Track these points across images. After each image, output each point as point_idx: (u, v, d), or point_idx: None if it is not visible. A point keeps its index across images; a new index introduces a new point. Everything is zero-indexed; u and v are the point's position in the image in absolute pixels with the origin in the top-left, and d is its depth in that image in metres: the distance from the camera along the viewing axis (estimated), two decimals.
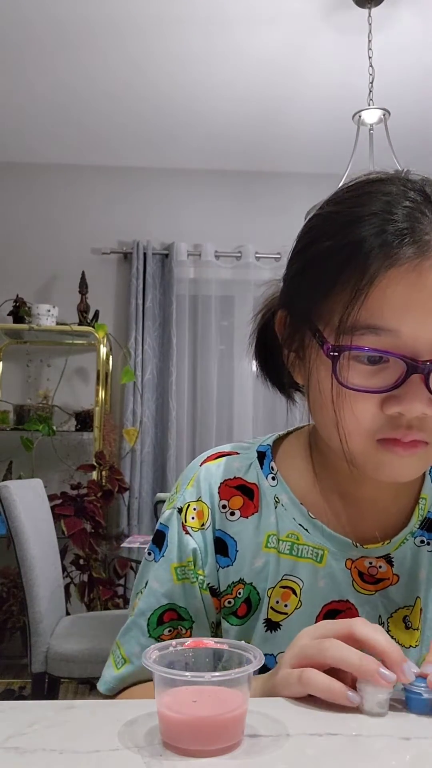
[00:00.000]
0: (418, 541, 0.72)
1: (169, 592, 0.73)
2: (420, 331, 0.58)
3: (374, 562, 0.71)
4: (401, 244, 0.58)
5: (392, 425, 0.61)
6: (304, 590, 0.71)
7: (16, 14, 2.68)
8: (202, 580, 0.72)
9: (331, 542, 0.71)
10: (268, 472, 0.75)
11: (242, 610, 0.72)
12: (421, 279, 0.58)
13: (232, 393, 3.84)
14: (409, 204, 0.60)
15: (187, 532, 0.73)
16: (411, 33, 2.77)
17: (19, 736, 0.48)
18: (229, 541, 0.73)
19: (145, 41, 2.85)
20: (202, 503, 0.74)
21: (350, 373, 0.60)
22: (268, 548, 0.72)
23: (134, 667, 0.73)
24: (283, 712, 0.53)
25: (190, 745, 0.46)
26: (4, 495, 2.26)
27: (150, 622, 0.73)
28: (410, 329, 0.58)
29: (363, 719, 0.52)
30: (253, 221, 3.91)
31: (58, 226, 3.89)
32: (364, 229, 0.59)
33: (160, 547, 0.75)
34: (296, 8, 2.63)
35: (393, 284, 0.58)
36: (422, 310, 0.58)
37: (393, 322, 0.58)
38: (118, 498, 3.53)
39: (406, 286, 0.58)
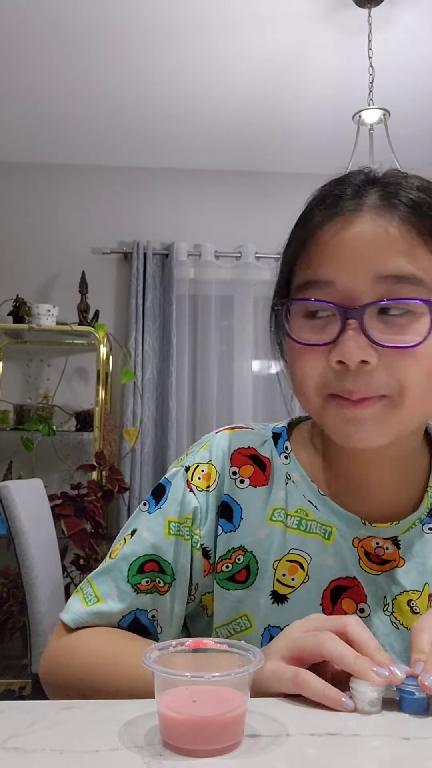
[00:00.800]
0: (426, 528, 0.73)
1: (157, 544, 0.74)
2: (352, 280, 0.62)
3: (381, 542, 0.72)
4: (336, 204, 0.65)
5: (339, 378, 0.63)
6: (312, 565, 0.71)
7: (17, 14, 2.68)
8: (197, 539, 0.73)
9: (339, 519, 0.72)
10: (281, 451, 0.77)
11: (242, 576, 0.73)
12: (350, 231, 0.63)
13: (232, 393, 3.84)
14: (352, 181, 0.67)
15: (192, 491, 0.75)
16: (411, 33, 2.77)
17: (19, 736, 0.48)
18: (235, 507, 0.74)
19: (145, 41, 2.85)
20: (212, 466, 0.76)
21: (300, 330, 0.65)
22: (272, 521, 0.73)
23: (107, 608, 0.73)
24: (283, 712, 0.53)
25: (190, 745, 0.46)
26: (4, 495, 2.26)
27: (131, 567, 0.74)
28: (344, 278, 0.63)
29: (363, 719, 0.52)
30: (253, 221, 3.91)
31: (59, 226, 3.89)
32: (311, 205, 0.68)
33: (158, 499, 0.76)
34: (296, 8, 2.63)
35: (327, 238, 0.64)
36: (353, 260, 0.62)
37: (329, 273, 0.63)
38: (118, 498, 3.53)
39: (339, 239, 0.63)
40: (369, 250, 0.62)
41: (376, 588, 0.71)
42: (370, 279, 0.62)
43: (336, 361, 0.62)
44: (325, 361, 0.63)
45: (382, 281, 0.62)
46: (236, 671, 0.47)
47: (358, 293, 0.62)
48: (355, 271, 0.62)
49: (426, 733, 0.50)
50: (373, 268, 0.62)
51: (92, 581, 0.76)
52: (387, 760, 0.46)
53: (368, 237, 0.62)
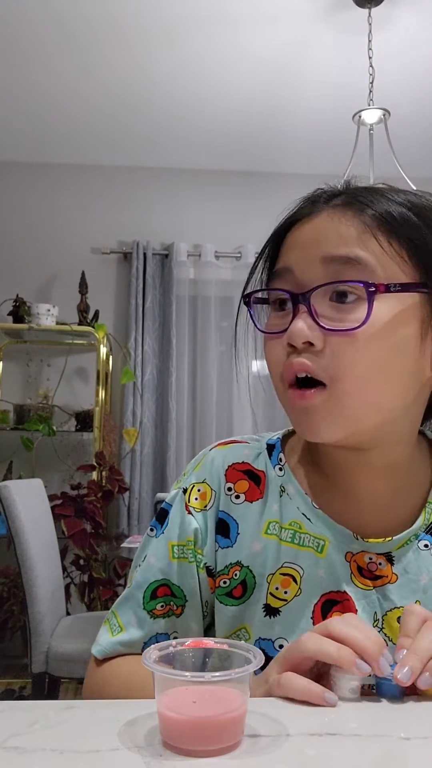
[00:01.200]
0: (422, 544, 0.72)
1: (164, 568, 0.75)
2: (304, 265, 0.65)
3: (374, 558, 0.71)
4: (302, 208, 0.69)
5: (287, 362, 0.65)
6: (304, 578, 0.71)
7: (18, 14, 2.68)
8: (200, 559, 0.74)
9: (332, 533, 0.72)
10: (276, 463, 0.77)
11: (238, 592, 0.73)
12: (306, 226, 0.67)
13: (232, 393, 3.84)
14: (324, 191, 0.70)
15: (190, 512, 0.75)
16: (411, 33, 2.77)
17: (19, 736, 0.48)
18: (232, 523, 0.74)
19: (145, 41, 2.85)
20: (207, 485, 0.76)
21: (269, 321, 0.69)
22: (267, 534, 0.73)
23: (130, 636, 0.75)
24: (283, 712, 0.53)
25: (190, 745, 0.46)
26: (4, 495, 2.26)
27: (145, 595, 0.75)
28: (298, 265, 0.66)
29: (363, 719, 0.52)
30: (253, 221, 3.90)
31: (59, 226, 3.89)
32: (287, 212, 0.71)
33: (162, 523, 0.77)
34: (296, 8, 2.63)
35: (292, 235, 0.68)
36: (306, 247, 0.66)
37: (287, 261, 0.67)
38: (118, 498, 3.53)
39: (298, 234, 0.68)
40: (320, 237, 0.65)
41: (367, 603, 0.70)
42: (319, 263, 0.64)
43: (287, 344, 0.64)
44: (283, 347, 0.66)
45: (331, 263, 0.63)
46: (236, 671, 0.47)
47: (311, 279, 0.64)
48: (307, 257, 0.65)
49: (426, 733, 0.50)
50: (321, 252, 0.64)
51: (116, 611, 0.78)
52: (387, 760, 0.46)
53: (321, 229, 0.66)
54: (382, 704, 0.56)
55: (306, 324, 0.63)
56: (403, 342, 0.64)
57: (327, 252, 0.64)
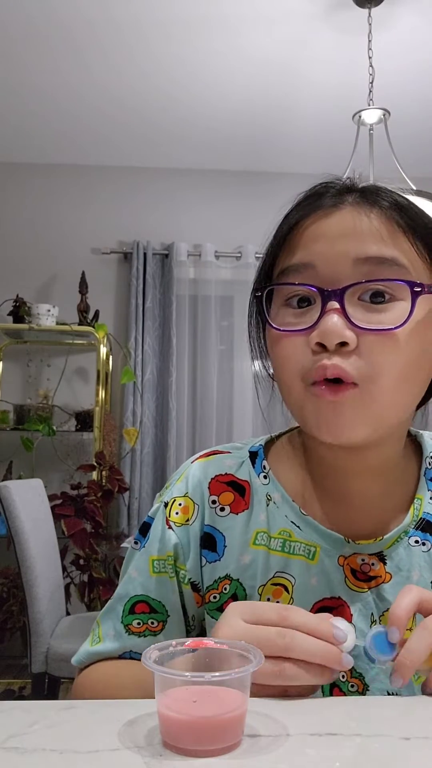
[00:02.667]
0: (412, 541, 0.72)
1: (144, 583, 0.74)
2: (333, 262, 0.62)
3: (366, 559, 0.70)
4: (316, 201, 0.66)
5: (319, 362, 0.62)
6: (296, 587, 0.71)
7: (19, 15, 2.68)
8: (183, 575, 0.73)
9: (323, 539, 0.71)
10: (260, 471, 0.75)
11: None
12: (330, 219, 0.64)
13: (232, 393, 3.84)
14: (334, 185, 0.68)
15: (170, 527, 0.74)
16: (411, 33, 2.77)
17: (19, 736, 0.48)
18: (218, 536, 0.73)
19: (146, 42, 2.85)
20: (189, 499, 0.74)
21: (281, 317, 0.65)
22: (256, 545, 0.72)
23: (104, 647, 0.75)
24: (283, 712, 0.53)
25: (190, 745, 0.46)
26: (4, 495, 2.26)
27: (124, 609, 0.75)
28: (322, 261, 0.63)
29: (363, 719, 0.52)
30: (253, 221, 3.90)
31: (58, 226, 3.89)
32: (294, 204, 0.69)
33: (145, 536, 0.77)
34: (296, 8, 2.63)
35: (307, 227, 0.65)
36: (334, 244, 0.63)
37: (308, 257, 0.64)
38: (118, 498, 3.53)
39: (317, 226, 0.64)
40: (349, 236, 0.63)
41: (363, 606, 0.70)
42: (351, 261, 0.62)
43: (315, 342, 0.61)
44: (306, 346, 0.63)
45: (364, 263, 0.62)
46: (236, 671, 0.47)
47: (339, 275, 0.62)
48: (335, 255, 0.62)
49: (426, 733, 0.50)
50: (353, 251, 0.62)
51: (99, 621, 0.78)
52: (387, 760, 0.46)
53: (348, 224, 0.63)
54: (382, 704, 0.56)
55: (338, 323, 0.60)
56: (428, 343, 0.64)
57: (360, 253, 0.62)
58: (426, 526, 0.73)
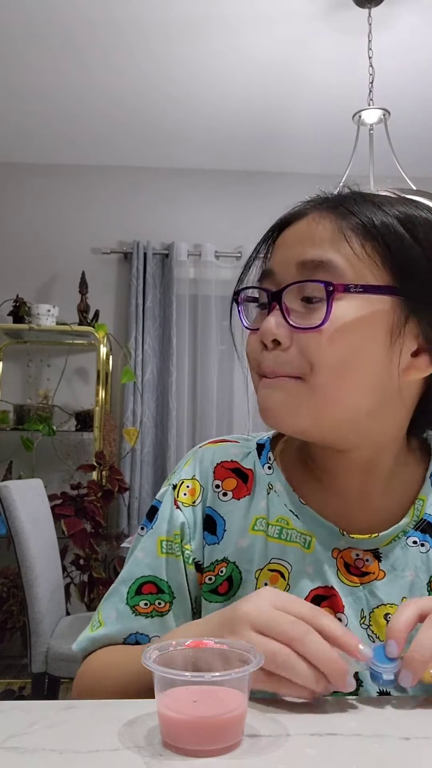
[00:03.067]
0: (410, 541, 0.72)
1: (153, 563, 0.75)
2: (283, 267, 0.68)
3: (361, 554, 0.71)
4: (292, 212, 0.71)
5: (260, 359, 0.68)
6: (293, 574, 0.72)
7: (19, 15, 2.68)
8: (189, 554, 0.75)
9: (319, 529, 0.72)
10: (265, 462, 0.78)
11: (223, 588, 0.74)
12: (289, 230, 0.70)
13: (232, 393, 3.84)
14: (316, 197, 0.72)
15: (178, 507, 0.76)
16: (411, 33, 2.77)
17: (19, 736, 0.48)
18: (218, 519, 0.75)
19: (146, 42, 2.85)
20: (196, 481, 0.77)
21: (250, 317, 0.72)
22: (255, 531, 0.74)
23: (106, 631, 0.75)
24: (283, 712, 0.53)
25: (190, 745, 0.46)
26: (4, 495, 2.26)
27: (130, 590, 0.75)
28: (278, 267, 0.68)
29: (363, 719, 0.52)
30: (253, 221, 3.89)
31: (59, 226, 3.89)
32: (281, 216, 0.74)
33: (152, 520, 0.78)
34: (296, 8, 2.63)
35: (280, 238, 0.71)
36: (286, 251, 0.68)
37: (271, 263, 0.70)
38: (118, 498, 3.53)
39: (282, 237, 0.71)
40: (298, 243, 0.68)
41: (354, 600, 0.70)
42: (294, 266, 0.66)
43: (260, 341, 0.67)
44: (259, 343, 0.68)
45: (303, 267, 0.66)
46: (236, 671, 0.48)
47: (286, 279, 0.67)
48: (286, 261, 0.68)
49: (426, 733, 0.50)
50: (297, 256, 0.66)
51: (99, 609, 0.78)
52: (387, 760, 0.46)
53: (302, 232, 0.68)
54: (382, 704, 0.56)
55: (276, 321, 0.65)
56: (366, 343, 0.64)
57: (302, 255, 0.66)
58: (426, 527, 0.73)
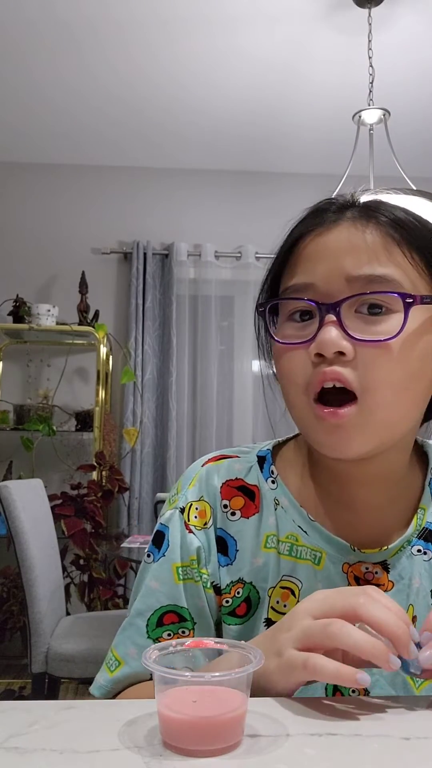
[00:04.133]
0: (414, 549, 0.72)
1: (170, 592, 0.72)
2: (329, 280, 0.65)
3: (371, 567, 0.71)
4: (317, 218, 0.68)
5: (317, 372, 0.64)
6: (303, 591, 0.71)
7: (19, 15, 2.68)
8: (206, 578, 0.72)
9: (329, 545, 0.71)
10: (268, 476, 0.76)
11: (242, 610, 0.72)
12: (327, 239, 0.66)
13: (232, 393, 3.84)
14: (336, 201, 0.70)
15: (191, 531, 0.73)
16: (411, 33, 2.77)
17: (19, 736, 0.48)
18: (230, 540, 0.73)
19: (146, 41, 2.85)
20: (205, 502, 0.74)
21: (284, 331, 0.68)
22: (267, 548, 0.72)
23: (130, 669, 0.71)
24: (283, 712, 0.53)
25: (190, 745, 0.46)
26: (4, 495, 2.26)
27: (149, 622, 0.72)
28: (321, 280, 0.65)
29: (363, 719, 0.52)
30: (253, 221, 3.91)
31: (59, 226, 3.89)
32: (296, 222, 0.71)
33: (160, 547, 0.75)
34: (296, 8, 2.64)
35: (307, 246, 0.68)
36: (328, 263, 0.65)
37: (307, 276, 0.66)
38: (118, 498, 3.53)
39: (316, 246, 0.67)
40: (344, 254, 0.65)
41: None
42: (344, 279, 0.64)
43: (315, 354, 0.63)
44: (307, 359, 0.65)
45: (355, 281, 0.64)
46: (236, 671, 0.47)
47: (335, 293, 0.64)
48: (332, 273, 0.65)
49: (426, 733, 0.50)
50: (347, 269, 0.64)
51: (112, 647, 0.74)
52: (387, 760, 0.46)
53: (344, 242, 0.65)
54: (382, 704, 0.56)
55: (335, 334, 0.62)
56: (426, 355, 0.65)
57: (354, 270, 0.64)
58: (428, 535, 0.73)
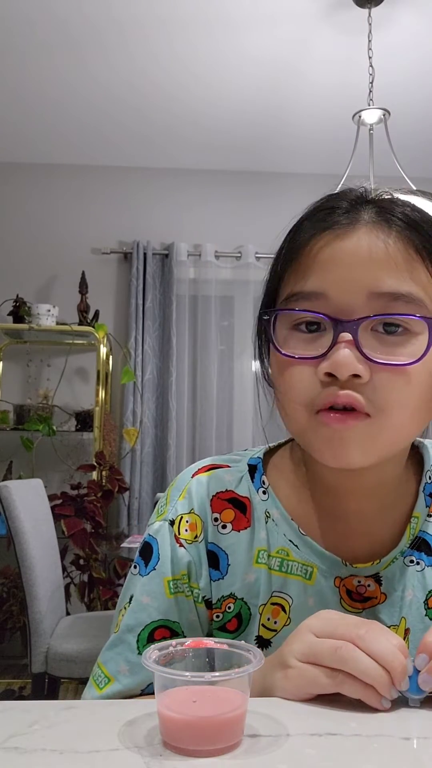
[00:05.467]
0: (407, 560, 0.71)
1: (162, 606, 0.70)
2: (346, 293, 0.60)
3: (363, 581, 0.70)
4: (328, 218, 0.63)
5: (328, 392, 0.60)
6: (294, 607, 0.70)
7: (18, 14, 2.68)
8: (197, 593, 0.71)
9: (320, 560, 0.70)
10: (259, 486, 0.74)
11: (232, 625, 0.71)
12: (344, 244, 0.61)
13: (232, 393, 3.84)
14: (346, 196, 0.65)
15: (181, 545, 0.71)
16: (411, 33, 2.77)
17: (19, 736, 0.48)
18: (221, 554, 0.71)
19: (146, 41, 2.85)
20: (195, 515, 0.72)
21: (289, 342, 0.63)
22: (258, 564, 0.71)
23: (121, 686, 0.69)
24: (283, 712, 0.53)
25: (190, 745, 0.46)
26: (4, 495, 2.26)
27: (140, 638, 0.70)
28: (336, 290, 0.60)
29: (363, 719, 0.52)
30: (253, 221, 3.91)
31: (59, 226, 3.89)
32: (303, 218, 0.66)
33: (147, 560, 0.73)
34: (296, 8, 2.63)
35: (319, 250, 0.62)
36: (348, 273, 0.60)
37: (321, 284, 0.61)
38: (118, 498, 3.53)
39: (330, 251, 0.61)
40: (364, 265, 0.60)
41: None
42: (365, 295, 0.60)
43: (325, 373, 0.59)
44: (314, 374, 0.61)
45: (378, 298, 0.60)
46: (236, 671, 0.47)
47: (352, 306, 0.60)
48: (349, 286, 0.60)
49: (426, 733, 0.50)
50: (368, 284, 0.60)
51: (100, 662, 0.72)
52: (387, 760, 0.46)
53: (364, 252, 0.60)
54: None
55: (351, 356, 0.58)
56: None
57: (375, 287, 0.60)
58: (421, 544, 0.71)
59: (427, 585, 0.71)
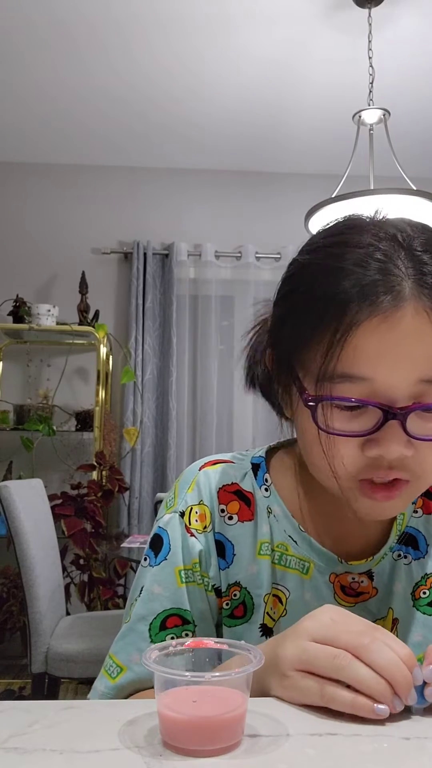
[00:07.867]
0: (395, 555, 0.75)
1: (173, 596, 0.72)
2: (393, 379, 0.60)
3: (356, 577, 0.74)
4: (375, 296, 0.59)
5: (373, 466, 0.63)
6: (290, 600, 0.73)
7: (18, 14, 2.68)
8: (208, 581, 0.73)
9: (317, 556, 0.74)
10: (261, 483, 0.77)
11: (239, 612, 0.74)
12: (392, 329, 0.59)
13: (232, 393, 3.84)
14: (381, 256, 0.61)
15: (192, 534, 0.74)
16: (411, 33, 2.77)
17: (19, 736, 0.48)
18: (227, 544, 0.75)
19: (146, 41, 2.85)
20: (204, 506, 0.75)
21: (331, 417, 0.62)
22: (261, 555, 0.74)
23: (134, 674, 0.71)
24: (283, 712, 0.53)
25: (190, 745, 0.46)
26: (4, 495, 2.26)
27: (152, 626, 0.72)
28: (383, 377, 0.60)
29: (363, 719, 0.52)
30: (253, 221, 3.91)
31: (59, 226, 3.89)
32: (340, 282, 0.60)
33: (158, 551, 0.74)
34: (296, 8, 2.63)
35: (367, 335, 0.59)
36: (394, 358, 0.59)
37: (367, 370, 0.60)
38: (118, 498, 3.53)
39: (379, 336, 0.59)
40: (411, 349, 0.60)
41: None
42: (413, 382, 0.60)
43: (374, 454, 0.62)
44: (359, 449, 0.62)
45: (424, 384, 0.60)
46: (236, 671, 0.47)
47: (397, 393, 0.60)
48: (396, 370, 0.60)
49: (426, 733, 0.50)
50: (417, 373, 0.60)
51: (111, 654, 0.73)
52: (387, 760, 0.46)
53: (411, 335, 0.59)
54: None
55: (399, 439, 0.61)
56: None
57: (423, 374, 0.60)
58: (408, 539, 0.76)
59: (414, 577, 0.75)
